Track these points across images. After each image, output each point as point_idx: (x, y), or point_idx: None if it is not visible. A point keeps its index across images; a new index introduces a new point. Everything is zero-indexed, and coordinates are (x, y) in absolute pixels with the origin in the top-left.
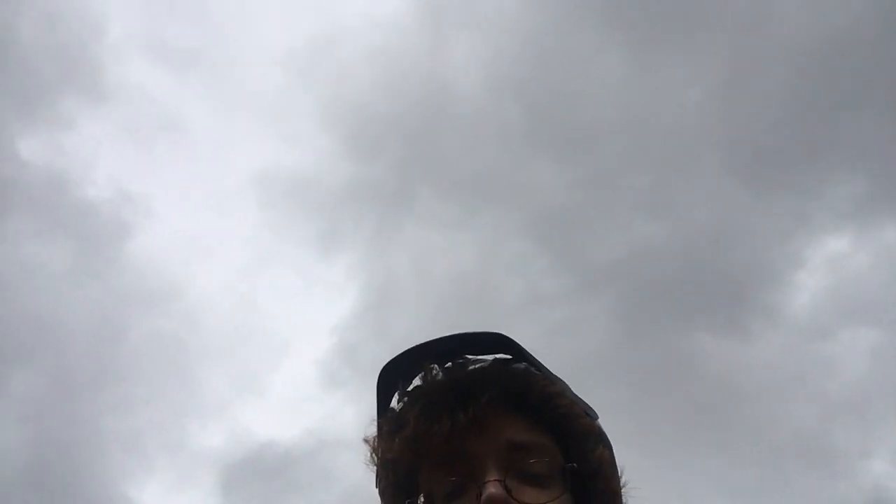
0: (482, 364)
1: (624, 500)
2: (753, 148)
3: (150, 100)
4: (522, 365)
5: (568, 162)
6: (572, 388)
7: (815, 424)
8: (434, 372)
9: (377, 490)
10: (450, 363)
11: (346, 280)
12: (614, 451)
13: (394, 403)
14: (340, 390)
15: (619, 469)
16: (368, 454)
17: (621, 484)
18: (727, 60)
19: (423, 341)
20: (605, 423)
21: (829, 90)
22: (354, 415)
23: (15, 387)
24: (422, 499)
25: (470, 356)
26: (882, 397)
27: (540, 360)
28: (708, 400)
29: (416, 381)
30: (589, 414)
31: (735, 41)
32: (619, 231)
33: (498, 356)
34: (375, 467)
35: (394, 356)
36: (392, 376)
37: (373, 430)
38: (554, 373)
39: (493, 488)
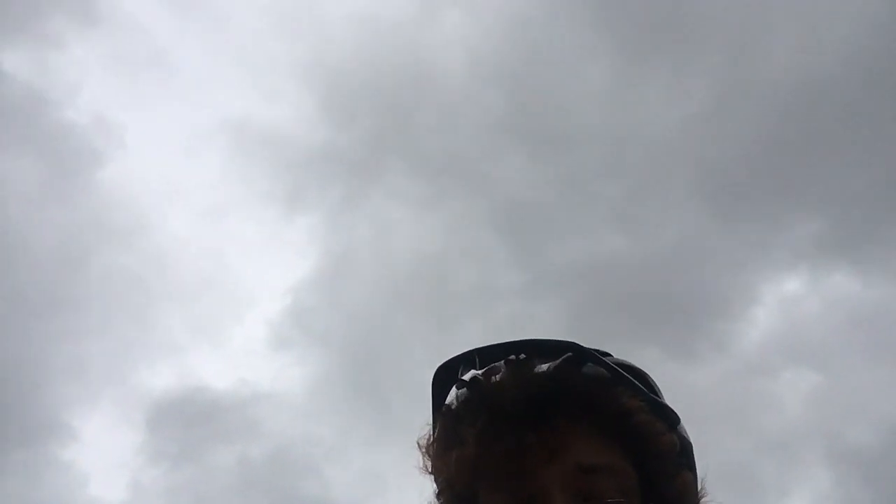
0: (549, 365)
1: None
2: (725, 175)
3: (140, 31)
4: (592, 368)
5: (542, 160)
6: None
7: (744, 457)
8: (496, 369)
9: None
10: (510, 359)
11: (308, 243)
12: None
13: (451, 400)
14: (286, 352)
15: (699, 482)
16: (421, 461)
17: (700, 496)
18: (713, 86)
19: (485, 344)
20: None
21: (806, 130)
22: (298, 378)
23: None
24: None
25: (532, 357)
26: (811, 442)
27: (610, 354)
28: None
29: (476, 374)
30: (670, 422)
31: (724, 68)
32: (583, 237)
33: (566, 357)
34: (429, 474)
35: (452, 356)
36: (449, 372)
37: (426, 432)
38: (631, 363)
39: None
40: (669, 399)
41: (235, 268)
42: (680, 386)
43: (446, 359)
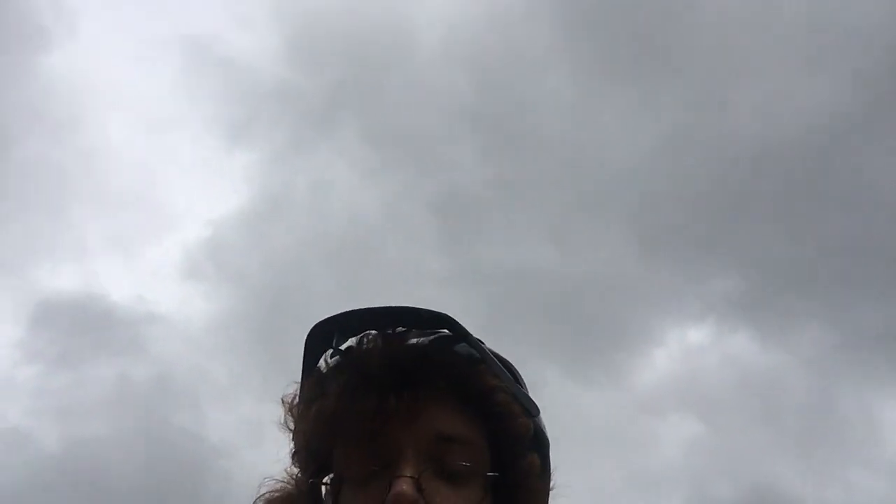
0: (422, 340)
1: None
2: (663, 214)
3: None
4: (465, 348)
5: (495, 156)
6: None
7: (613, 486)
8: (370, 339)
9: (289, 454)
10: (388, 332)
11: (243, 179)
12: (550, 447)
13: (322, 364)
14: (195, 282)
15: (549, 473)
16: (283, 416)
17: (550, 486)
18: (669, 125)
19: (364, 306)
20: None
21: (745, 190)
22: (201, 311)
23: None
24: (329, 479)
25: (410, 329)
26: (677, 486)
27: (483, 343)
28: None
29: (350, 343)
30: (529, 410)
31: (684, 112)
32: (515, 241)
33: (441, 332)
34: (290, 431)
35: (329, 315)
36: (324, 334)
37: (293, 389)
38: (502, 356)
39: (403, 485)
40: (557, 414)
41: (164, 186)
42: (572, 406)
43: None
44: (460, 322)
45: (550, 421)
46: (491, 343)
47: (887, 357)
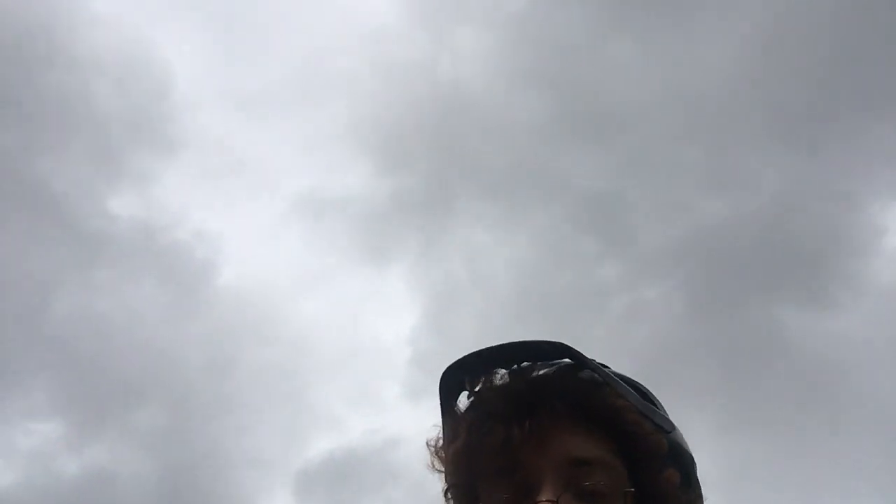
0: (546, 371)
1: None
2: (800, 106)
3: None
4: (588, 373)
5: (603, 146)
6: (650, 389)
7: None
8: (495, 378)
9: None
10: (513, 368)
11: (408, 291)
12: (696, 464)
13: (458, 406)
14: (420, 399)
15: (696, 486)
16: (429, 458)
17: (698, 499)
18: (754, 15)
19: (485, 346)
20: (696, 409)
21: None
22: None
23: (139, 421)
24: None
25: (534, 362)
26: None
27: (609, 367)
28: (807, 376)
29: (482, 382)
30: (663, 427)
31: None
32: (674, 210)
33: (563, 362)
34: (437, 472)
35: (455, 360)
36: (455, 378)
37: (436, 433)
38: (631, 377)
39: None
40: (821, 357)
41: (363, 329)
42: (829, 335)
43: (451, 361)
44: (580, 350)
45: (826, 365)
46: (716, 315)
47: None
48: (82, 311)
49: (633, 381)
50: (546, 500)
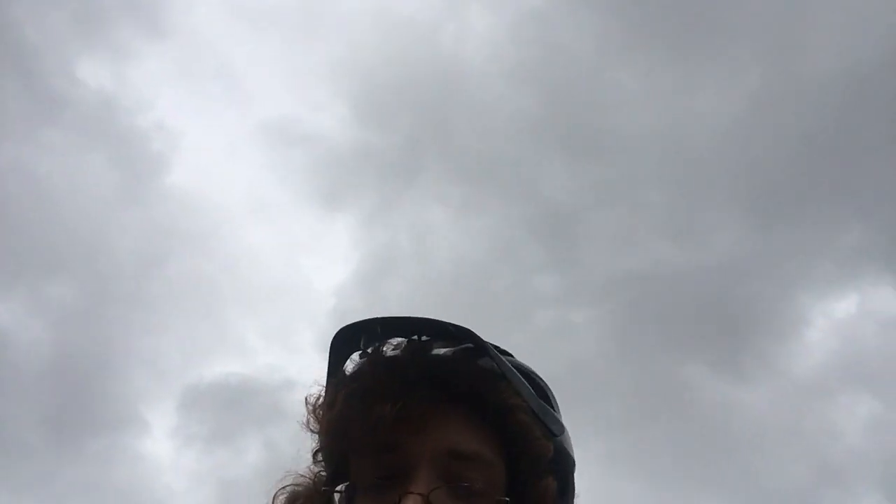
0: (443, 352)
1: None
2: (771, 183)
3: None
4: (487, 362)
5: (582, 163)
6: (554, 393)
7: (806, 482)
8: (385, 348)
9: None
10: (408, 341)
11: (348, 244)
12: (576, 471)
13: (347, 366)
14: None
15: (571, 491)
16: (305, 416)
17: None
18: (753, 86)
19: (390, 315)
20: (592, 434)
21: (846, 128)
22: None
23: (50, 292)
24: (343, 487)
25: (433, 340)
26: (871, 469)
27: (512, 355)
28: (701, 434)
29: (374, 346)
30: (552, 431)
31: (762, 67)
32: (625, 244)
33: (465, 346)
34: (312, 432)
35: (354, 321)
36: (348, 340)
37: (317, 390)
38: (532, 369)
39: (411, 503)
40: (718, 418)
41: (290, 267)
42: (731, 406)
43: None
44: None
45: (723, 430)
46: (634, 354)
47: None
48: (23, 166)
49: (532, 373)
50: (417, 494)
